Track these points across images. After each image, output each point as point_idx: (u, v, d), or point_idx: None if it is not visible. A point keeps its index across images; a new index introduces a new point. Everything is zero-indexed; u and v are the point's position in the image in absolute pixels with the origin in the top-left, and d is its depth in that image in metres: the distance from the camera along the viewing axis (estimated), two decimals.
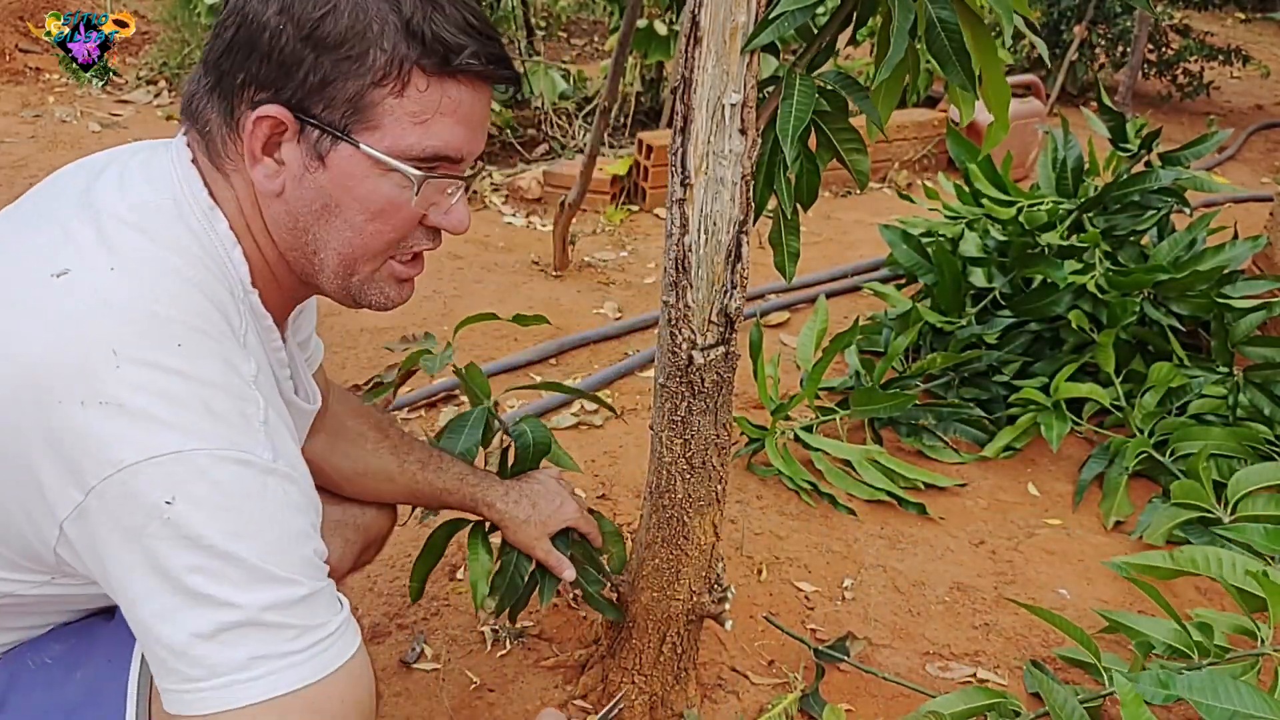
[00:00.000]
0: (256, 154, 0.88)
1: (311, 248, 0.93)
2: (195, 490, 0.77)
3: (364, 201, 0.90)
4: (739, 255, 1.29)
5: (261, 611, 0.78)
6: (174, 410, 0.78)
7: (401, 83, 0.86)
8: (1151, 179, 2.53)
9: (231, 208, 0.91)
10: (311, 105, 0.86)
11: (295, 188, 0.89)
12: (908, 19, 1.17)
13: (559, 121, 4.79)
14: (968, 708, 1.55)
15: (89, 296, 0.80)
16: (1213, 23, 8.36)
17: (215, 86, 0.88)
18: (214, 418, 0.79)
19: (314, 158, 0.88)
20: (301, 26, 0.84)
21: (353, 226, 0.91)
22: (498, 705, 1.62)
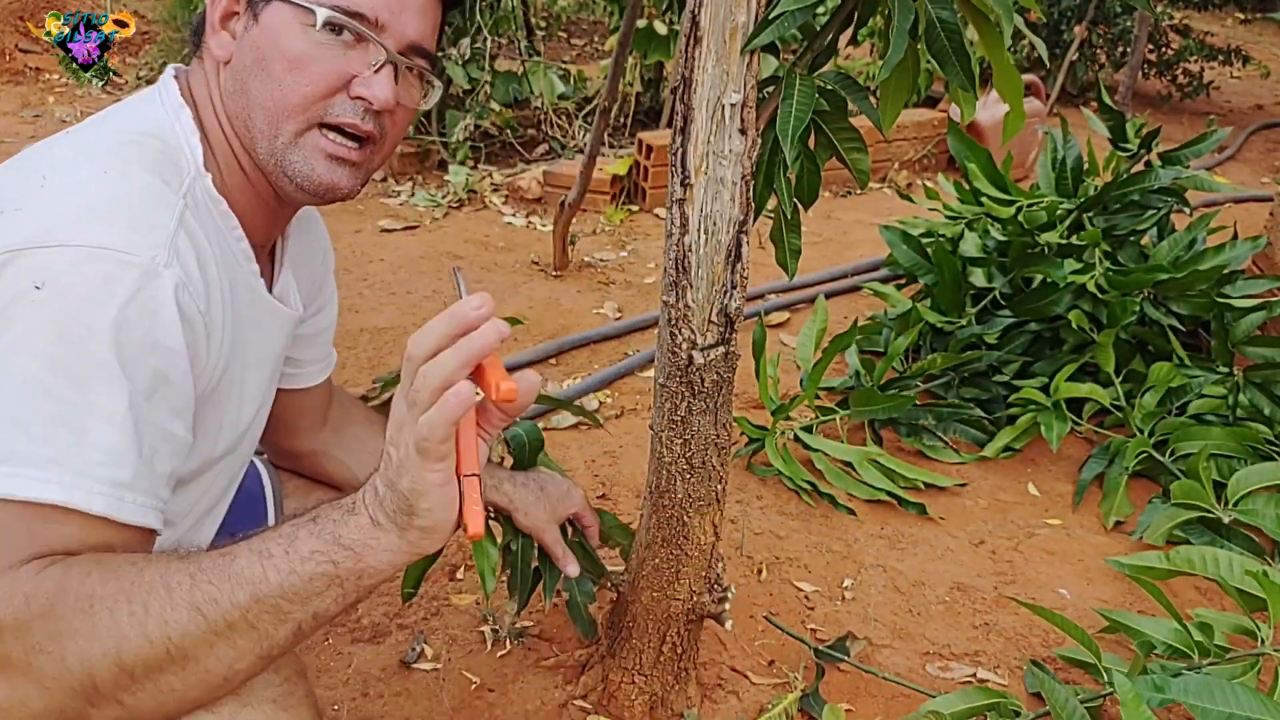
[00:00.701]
0: (215, 25, 0.99)
1: (248, 111, 0.98)
2: (64, 281, 0.79)
3: (284, 51, 0.96)
4: (739, 255, 1.29)
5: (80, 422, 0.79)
6: (76, 212, 0.83)
7: None
8: (1151, 179, 2.53)
9: (200, 95, 1.00)
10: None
11: (238, 52, 0.98)
12: (908, 19, 1.17)
13: (559, 121, 4.79)
14: (968, 708, 1.55)
15: (50, 153, 0.91)
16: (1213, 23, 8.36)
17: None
18: (112, 221, 0.84)
19: (252, 18, 0.97)
20: None
21: (274, 78, 0.96)
22: (498, 705, 1.62)
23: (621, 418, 2.53)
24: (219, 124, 1.00)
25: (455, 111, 4.50)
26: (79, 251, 0.80)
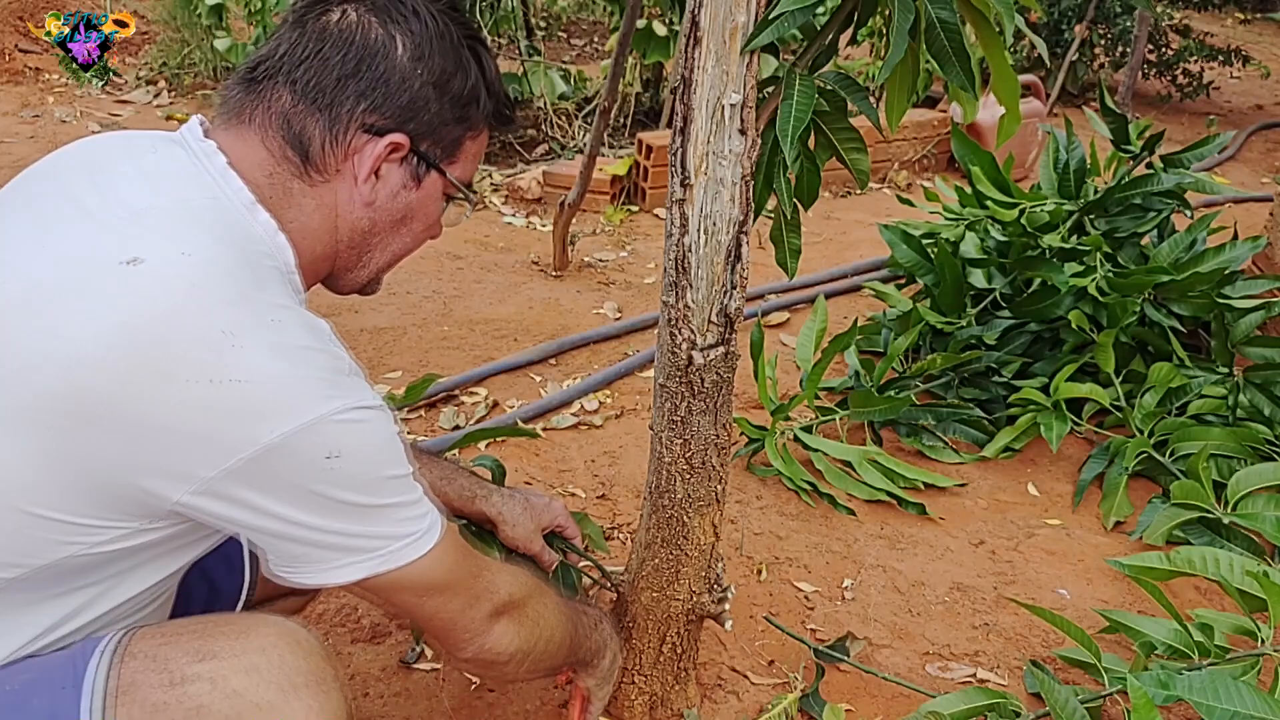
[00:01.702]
0: (374, 169, 1.03)
1: (370, 249, 1.09)
2: (347, 442, 0.90)
3: (428, 216, 1.11)
4: (739, 255, 1.29)
5: (410, 499, 0.99)
6: (297, 382, 0.88)
7: (478, 132, 1.10)
8: (1153, 182, 2.53)
9: (299, 210, 1.02)
10: (423, 140, 1.05)
11: (387, 201, 1.06)
12: (908, 19, 1.17)
13: (559, 121, 4.79)
14: (968, 708, 1.55)
15: (173, 281, 0.87)
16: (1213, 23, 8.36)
17: (322, 106, 1.00)
18: (328, 380, 0.91)
19: (412, 179, 1.06)
20: (434, 79, 1.03)
21: (413, 234, 1.11)
22: (497, 705, 1.62)
23: (621, 418, 2.53)
24: (307, 237, 1.03)
25: None
26: (340, 423, 0.90)
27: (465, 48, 1.05)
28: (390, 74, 1.00)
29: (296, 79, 0.99)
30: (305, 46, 1.00)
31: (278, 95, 1.00)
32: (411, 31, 1.01)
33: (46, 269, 0.88)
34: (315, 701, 0.94)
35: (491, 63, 1.08)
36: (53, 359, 0.83)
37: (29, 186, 1.00)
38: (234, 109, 1.02)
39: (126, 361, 0.83)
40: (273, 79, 1.00)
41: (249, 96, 1.01)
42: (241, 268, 0.91)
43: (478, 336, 2.91)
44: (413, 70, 1.01)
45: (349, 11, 1.01)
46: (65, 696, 0.90)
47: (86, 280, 0.86)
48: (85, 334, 0.84)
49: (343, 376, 0.93)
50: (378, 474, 0.95)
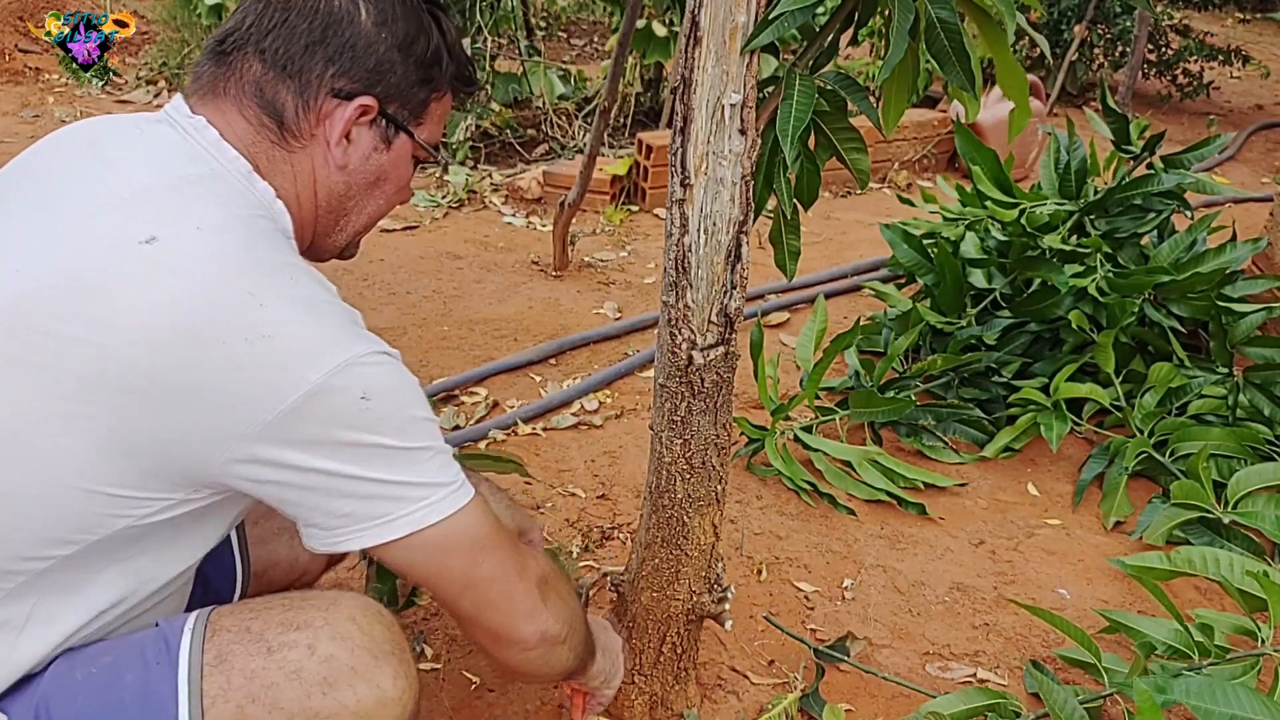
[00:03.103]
0: (345, 132, 1.06)
1: (347, 212, 1.12)
2: (377, 383, 0.94)
3: (399, 179, 1.15)
4: (739, 255, 1.29)
5: (440, 447, 1.01)
6: (324, 330, 0.93)
7: (442, 94, 1.13)
8: (1154, 182, 2.53)
9: (283, 176, 1.05)
10: (391, 102, 1.08)
11: (360, 163, 1.09)
12: (908, 19, 1.17)
13: (559, 121, 4.79)
14: (968, 708, 1.55)
15: (191, 253, 0.91)
16: (1213, 23, 8.36)
17: (291, 74, 1.02)
18: (348, 327, 0.95)
19: (383, 141, 1.10)
20: (399, 42, 1.06)
21: (385, 196, 1.15)
22: (497, 705, 1.62)
23: (621, 418, 2.53)
24: (298, 204, 1.07)
25: (455, 111, 4.51)
26: (369, 365, 0.94)
27: (426, 12, 1.09)
28: (356, 39, 1.03)
29: (265, 48, 1.02)
30: (271, 16, 1.02)
31: (248, 65, 1.02)
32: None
33: (71, 257, 0.91)
34: (400, 668, 1.01)
35: (451, 27, 1.13)
36: (94, 344, 0.87)
37: (26, 175, 1.01)
38: (207, 83, 1.04)
39: (164, 335, 0.87)
40: (242, 50, 1.03)
41: (220, 69, 1.04)
42: (252, 233, 0.96)
43: (478, 336, 2.91)
44: (377, 35, 1.04)
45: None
46: (160, 672, 0.95)
47: (112, 263, 0.90)
48: (121, 315, 0.88)
49: (358, 326, 0.98)
50: (409, 414, 0.97)
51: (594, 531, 2.07)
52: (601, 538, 2.06)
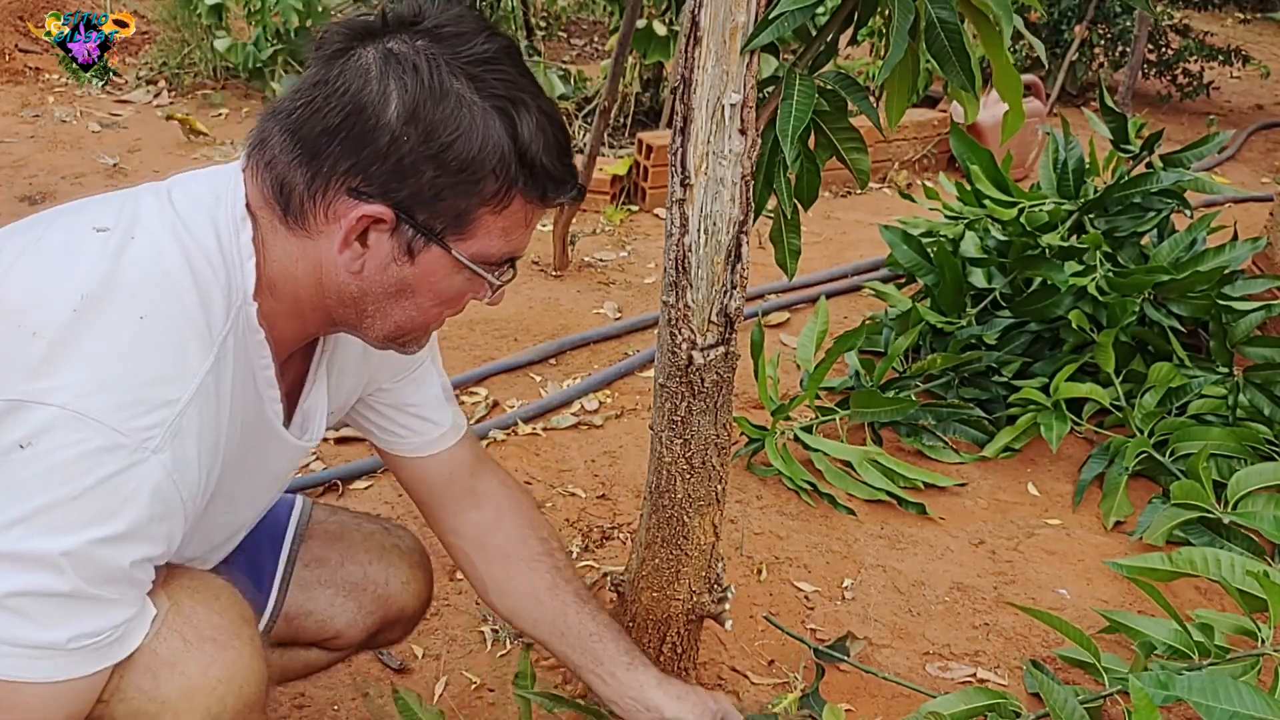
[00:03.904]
0: (349, 240, 0.93)
1: (368, 315, 0.99)
2: (48, 447, 0.82)
3: (438, 292, 0.99)
4: (739, 255, 1.29)
5: (17, 594, 0.82)
6: (89, 370, 0.84)
7: (503, 204, 0.95)
8: (1153, 181, 2.53)
9: (280, 251, 0.96)
10: (417, 211, 0.93)
11: (376, 272, 0.96)
12: (907, 19, 1.17)
13: None
14: (968, 708, 1.54)
15: (104, 249, 0.90)
16: (1213, 23, 8.36)
17: (306, 159, 0.92)
18: (117, 390, 0.84)
19: (404, 253, 0.95)
20: (429, 142, 0.90)
21: (419, 308, 1.00)
22: (498, 705, 1.62)
23: (621, 418, 2.53)
24: (306, 288, 0.97)
25: None
26: (74, 420, 0.82)
27: (491, 107, 0.91)
28: (379, 134, 0.90)
29: (291, 124, 0.92)
30: (309, 89, 0.92)
31: (276, 136, 0.93)
32: (406, 88, 0.89)
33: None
34: (218, 655, 0.94)
35: (533, 120, 0.93)
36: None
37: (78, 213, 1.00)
38: (251, 137, 0.97)
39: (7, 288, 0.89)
40: (276, 116, 0.94)
41: (260, 129, 0.96)
42: (177, 265, 0.90)
43: (478, 336, 2.91)
44: (403, 132, 0.89)
45: (365, 54, 0.91)
46: None
47: (60, 235, 0.93)
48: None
49: (148, 400, 0.86)
50: (71, 503, 0.82)
51: (594, 531, 2.07)
52: (601, 538, 2.06)
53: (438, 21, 0.93)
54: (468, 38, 0.92)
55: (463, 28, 0.93)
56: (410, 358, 1.16)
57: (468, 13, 0.95)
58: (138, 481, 0.85)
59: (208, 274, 0.92)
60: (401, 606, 1.36)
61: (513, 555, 1.30)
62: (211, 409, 0.92)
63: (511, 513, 1.32)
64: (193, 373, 0.89)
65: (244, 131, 4.80)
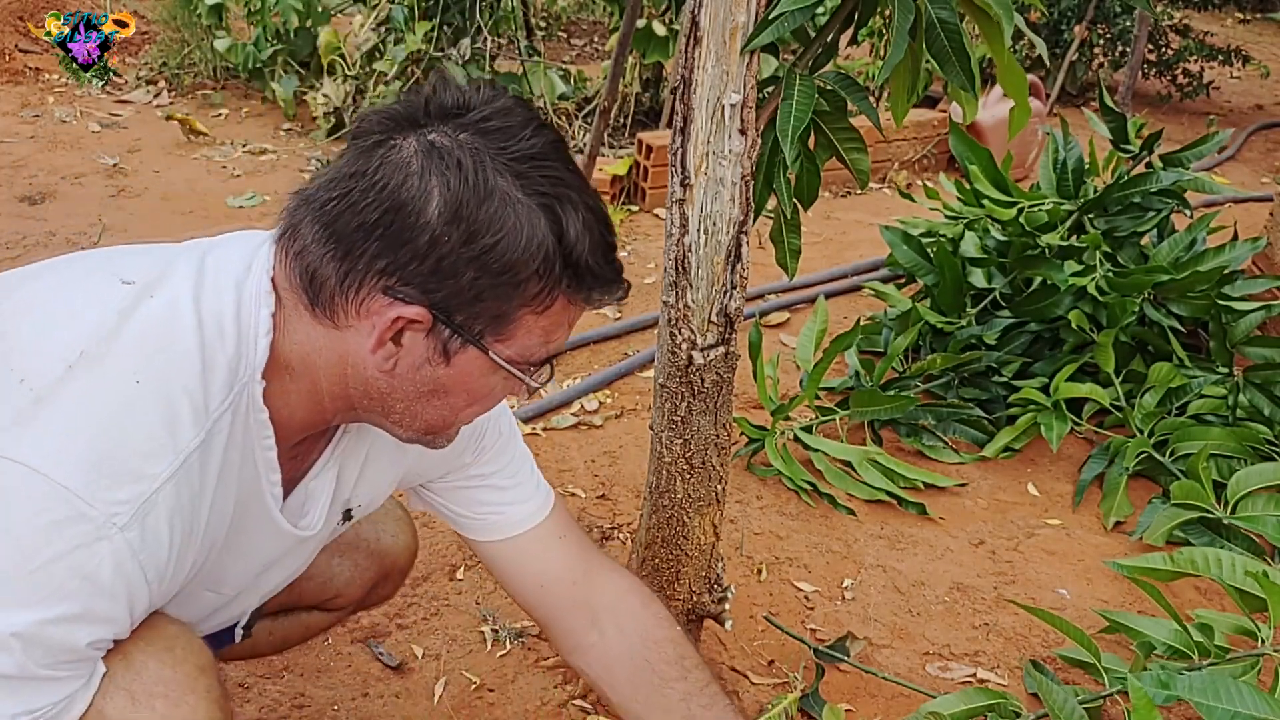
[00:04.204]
0: (382, 340, 0.89)
1: (395, 411, 0.95)
2: (11, 510, 0.78)
3: (472, 392, 0.95)
4: (739, 255, 1.29)
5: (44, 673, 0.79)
6: (66, 431, 0.81)
7: (546, 305, 0.90)
8: (1152, 181, 2.53)
9: (301, 335, 0.91)
10: (455, 312, 0.88)
11: (409, 372, 0.92)
12: (907, 19, 1.17)
13: (559, 121, 4.79)
14: (968, 708, 1.54)
15: (118, 304, 0.87)
16: (1213, 23, 8.36)
17: (339, 254, 0.87)
18: (94, 458, 0.80)
19: (440, 354, 0.91)
20: (471, 244, 0.86)
21: (451, 408, 0.96)
22: (498, 705, 1.62)
23: (621, 418, 2.53)
24: (328, 378, 0.93)
25: None
26: (42, 483, 0.79)
27: (536, 207, 0.87)
28: (418, 234, 0.85)
29: (324, 215, 0.88)
30: (344, 179, 0.88)
31: (308, 226, 0.88)
32: (449, 185, 0.85)
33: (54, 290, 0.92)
34: (169, 712, 0.88)
35: (581, 218, 0.89)
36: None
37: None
38: (283, 215, 0.92)
39: (16, 332, 0.87)
40: (309, 204, 0.89)
41: (290, 214, 0.91)
42: (186, 332, 0.87)
43: None
44: (444, 232, 0.85)
45: (406, 146, 0.87)
46: None
47: (89, 281, 0.91)
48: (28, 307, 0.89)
49: (120, 471, 0.81)
50: (34, 562, 0.78)
51: (594, 531, 2.07)
52: (601, 538, 2.06)
53: (484, 114, 0.88)
54: (514, 131, 0.88)
55: (509, 121, 0.89)
56: (493, 432, 1.15)
57: (514, 104, 0.91)
58: (99, 560, 0.80)
59: (217, 345, 0.88)
60: (394, 559, 1.37)
61: (641, 683, 1.21)
62: (193, 487, 0.87)
63: (633, 632, 1.22)
64: (178, 448, 0.85)
65: (244, 132, 4.82)
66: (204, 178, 4.10)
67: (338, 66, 4.61)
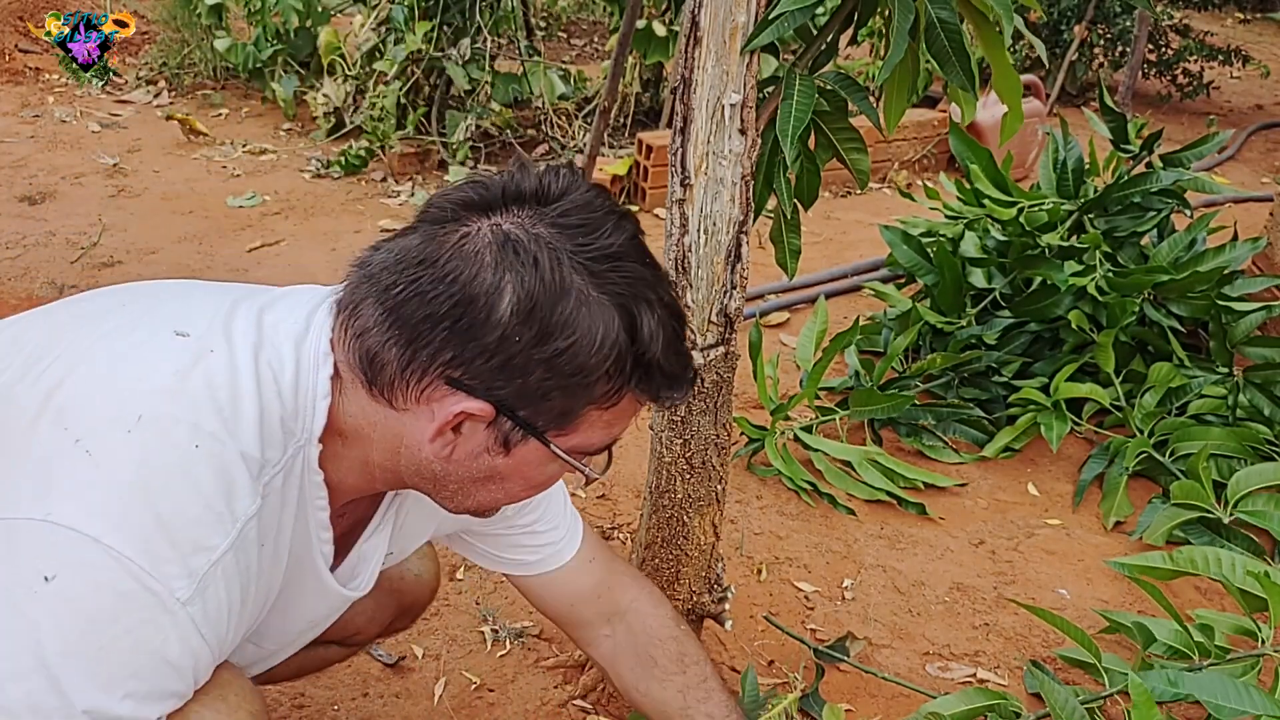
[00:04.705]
0: (442, 430, 0.87)
1: (448, 491, 0.94)
2: (76, 584, 0.76)
3: (528, 479, 0.94)
4: (739, 255, 1.29)
5: None
6: (129, 499, 0.79)
7: (612, 403, 0.89)
8: (1152, 180, 2.53)
9: (357, 408, 0.90)
10: (520, 407, 0.86)
11: (466, 460, 0.90)
12: (908, 19, 1.17)
13: (559, 121, 4.79)
14: (968, 708, 1.54)
15: (170, 363, 0.85)
16: (1213, 23, 8.36)
17: (403, 341, 0.85)
18: (156, 529, 0.79)
19: (500, 445, 0.89)
20: (543, 345, 0.83)
21: (506, 491, 0.95)
22: (498, 705, 1.62)
23: None
24: (381, 454, 0.92)
25: (455, 112, 4.50)
26: (104, 553, 0.77)
27: (612, 307, 0.85)
28: (487, 331, 0.82)
29: (389, 300, 0.85)
30: (412, 265, 0.84)
31: (371, 308, 0.86)
32: (524, 283, 0.82)
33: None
34: None
35: (652, 323, 0.87)
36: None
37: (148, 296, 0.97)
38: (344, 287, 0.90)
39: (60, 390, 0.84)
40: (372, 281, 0.86)
41: (352, 289, 0.89)
42: (246, 394, 0.85)
43: None
44: (515, 331, 0.82)
45: (479, 236, 0.84)
46: None
47: (138, 333, 0.88)
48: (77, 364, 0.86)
49: (184, 543, 0.80)
50: (59, 653, 0.75)
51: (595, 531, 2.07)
52: (602, 537, 2.06)
53: (564, 208, 0.86)
54: (594, 227, 0.86)
55: (589, 216, 0.86)
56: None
57: (594, 196, 0.88)
58: (165, 636, 0.79)
59: (275, 406, 0.86)
60: (416, 596, 1.37)
61: (643, 675, 1.28)
62: (250, 553, 0.86)
63: (640, 632, 1.29)
64: (236, 517, 0.83)
65: (244, 132, 4.81)
66: (204, 178, 4.10)
67: (338, 66, 4.61)
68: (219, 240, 3.52)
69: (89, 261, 3.26)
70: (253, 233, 3.60)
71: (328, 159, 4.34)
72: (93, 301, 0.97)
